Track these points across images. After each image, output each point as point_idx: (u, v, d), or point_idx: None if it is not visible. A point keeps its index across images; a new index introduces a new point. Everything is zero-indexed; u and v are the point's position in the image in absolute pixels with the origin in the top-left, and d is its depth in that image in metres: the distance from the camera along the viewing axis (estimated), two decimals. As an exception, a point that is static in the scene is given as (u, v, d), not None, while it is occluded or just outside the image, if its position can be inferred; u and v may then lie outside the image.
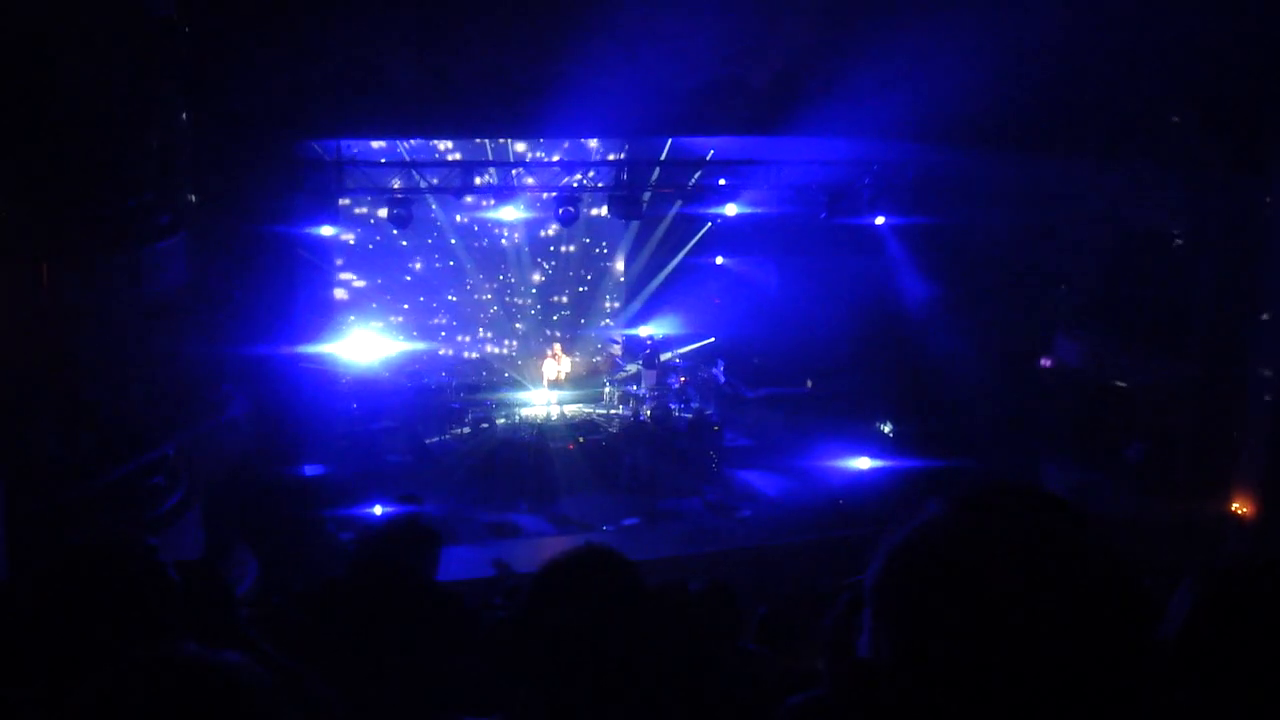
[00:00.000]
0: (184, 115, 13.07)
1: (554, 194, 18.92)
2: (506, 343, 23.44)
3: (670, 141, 19.47)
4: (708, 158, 19.44)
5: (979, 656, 1.27)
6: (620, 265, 23.72)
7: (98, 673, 1.66)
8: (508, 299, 23.17)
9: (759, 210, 20.29)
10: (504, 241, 22.66)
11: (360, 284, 21.71)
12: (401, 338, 21.59)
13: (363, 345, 19.89)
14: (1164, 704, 1.91)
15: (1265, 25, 13.05)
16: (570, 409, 20.80)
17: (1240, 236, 14.38)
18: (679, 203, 21.27)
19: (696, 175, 20.13)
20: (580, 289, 23.84)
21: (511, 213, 20.84)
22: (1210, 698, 1.92)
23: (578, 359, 22.53)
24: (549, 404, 20.48)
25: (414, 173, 18.73)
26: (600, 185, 20.09)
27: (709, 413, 20.01)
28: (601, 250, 23.65)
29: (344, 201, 19.58)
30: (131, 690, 1.62)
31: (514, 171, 19.85)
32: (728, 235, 21.88)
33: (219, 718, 1.61)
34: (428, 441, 18.96)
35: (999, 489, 1.39)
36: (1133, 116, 15.00)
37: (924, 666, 1.31)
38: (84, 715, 1.63)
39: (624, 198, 19.21)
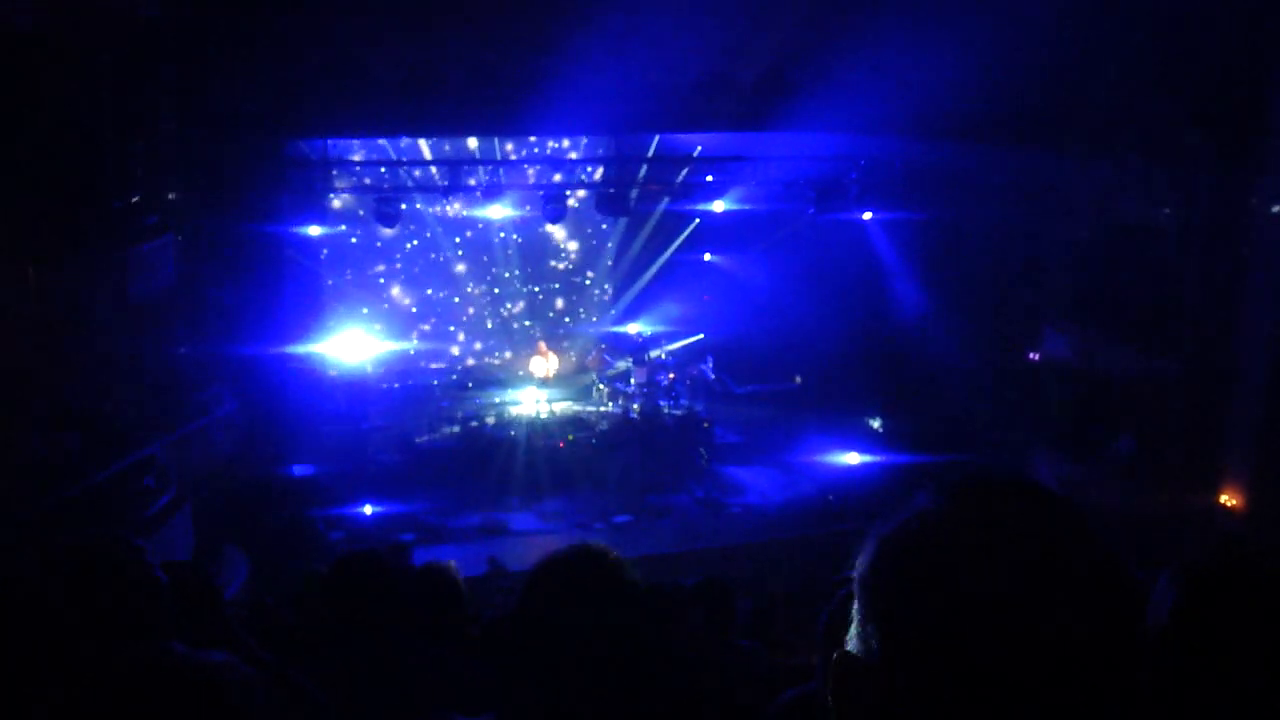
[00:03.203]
0: (170, 116, 13.06)
1: (541, 191, 18.93)
2: (496, 340, 23.39)
3: (657, 138, 19.48)
4: (695, 154, 19.45)
5: (966, 649, 1.26)
6: (609, 262, 23.70)
7: (85, 673, 1.65)
8: (496, 297, 23.14)
9: (747, 206, 20.30)
10: (493, 239, 22.62)
11: (349, 282, 21.65)
12: (390, 337, 21.56)
13: (351, 344, 19.86)
14: (1149, 696, 1.91)
15: (1253, 16, 13.09)
16: (559, 406, 20.79)
17: (1228, 228, 14.41)
18: (667, 199, 21.26)
19: (684, 172, 20.15)
20: (568, 286, 23.83)
21: (499, 210, 20.81)
22: (1194, 691, 1.93)
23: (567, 357, 22.52)
24: (538, 402, 20.46)
25: (401, 171, 18.72)
26: (588, 181, 20.08)
27: (698, 409, 20.01)
28: (590, 248, 23.63)
29: (336, 202, 19.57)
30: (119, 690, 1.61)
31: (500, 170, 19.85)
32: (716, 231, 21.90)
33: (204, 715, 1.61)
34: (417, 440, 18.94)
35: (987, 480, 1.39)
36: (1120, 109, 15.03)
37: (911, 659, 1.30)
38: (72, 715, 1.62)
39: (611, 195, 19.21)
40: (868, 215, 18.84)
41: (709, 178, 20.06)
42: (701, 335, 22.44)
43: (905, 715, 1.31)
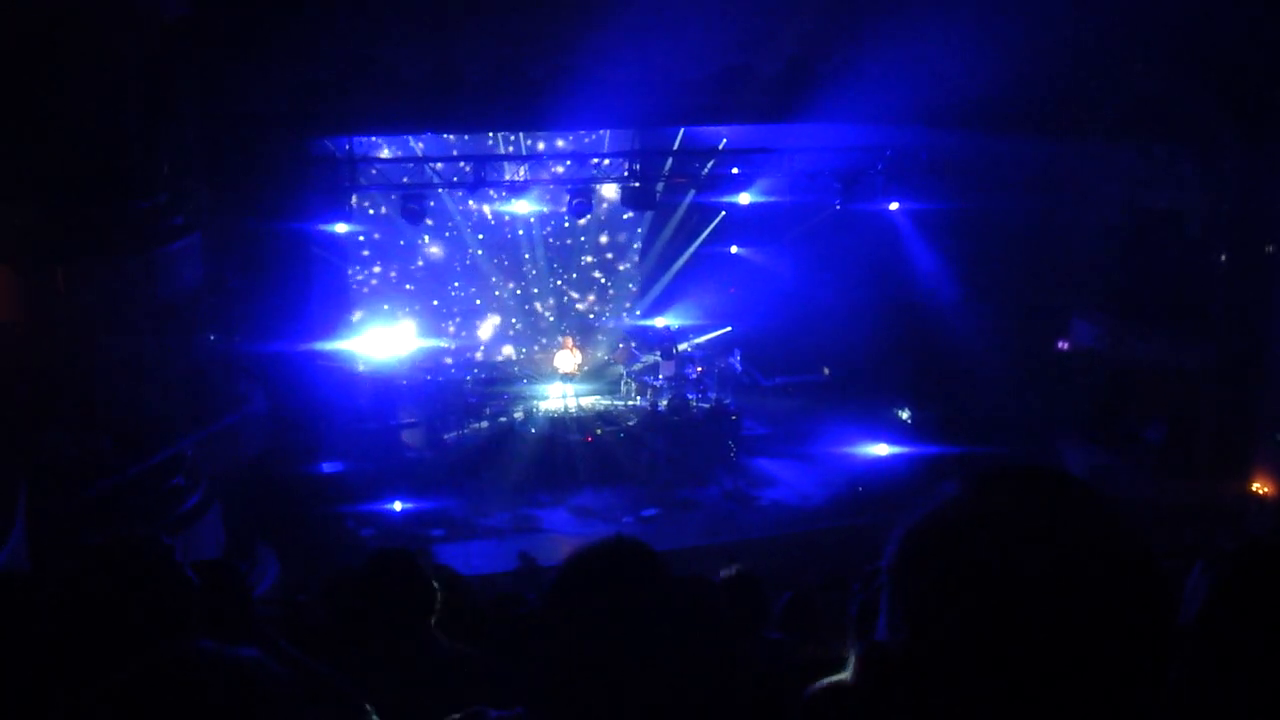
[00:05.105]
0: (196, 116, 13.11)
1: (566, 186, 18.93)
2: (523, 336, 23.39)
3: (682, 131, 19.45)
4: (720, 147, 19.41)
5: (994, 638, 1.25)
6: (635, 256, 23.65)
7: (113, 670, 1.65)
8: (523, 292, 23.13)
9: (773, 199, 20.27)
10: (519, 234, 22.60)
11: (375, 280, 21.70)
12: (418, 333, 21.58)
13: (379, 341, 19.90)
14: (1182, 688, 1.90)
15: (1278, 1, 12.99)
16: (587, 401, 20.77)
17: (1256, 214, 14.31)
18: (692, 192, 21.22)
19: (709, 164, 20.12)
20: (595, 281, 23.79)
21: (524, 206, 20.83)
22: (1228, 683, 1.91)
23: (594, 351, 22.50)
24: (566, 396, 20.46)
25: (426, 168, 18.74)
26: (615, 176, 20.08)
27: (727, 402, 19.96)
28: (616, 241, 23.60)
29: (356, 198, 19.63)
30: (146, 686, 1.61)
31: (522, 167, 19.88)
32: (742, 224, 21.81)
33: (233, 713, 1.61)
34: (446, 436, 18.95)
35: (1015, 470, 1.38)
36: (1145, 96, 14.93)
37: (939, 648, 1.29)
38: (99, 712, 1.62)
39: (637, 189, 19.17)
40: (894, 205, 18.80)
41: (734, 170, 20.03)
42: (729, 328, 22.36)
43: (935, 704, 1.30)
